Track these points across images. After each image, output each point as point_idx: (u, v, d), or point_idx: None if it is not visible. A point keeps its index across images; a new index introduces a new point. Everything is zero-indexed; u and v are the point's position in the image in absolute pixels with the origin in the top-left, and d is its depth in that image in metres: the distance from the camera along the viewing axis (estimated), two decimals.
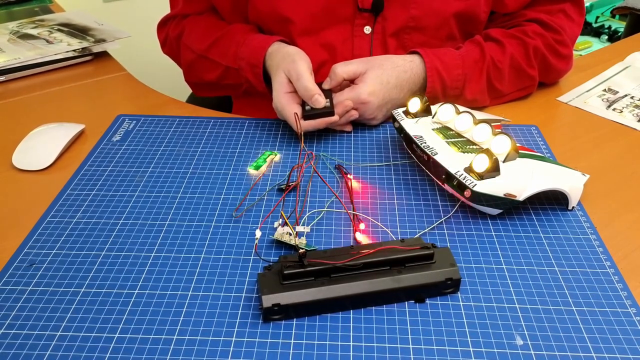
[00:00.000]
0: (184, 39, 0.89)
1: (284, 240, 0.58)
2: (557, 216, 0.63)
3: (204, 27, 0.88)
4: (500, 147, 0.61)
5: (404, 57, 0.78)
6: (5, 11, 1.23)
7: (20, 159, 0.73)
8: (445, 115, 0.69)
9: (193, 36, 0.88)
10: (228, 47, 0.83)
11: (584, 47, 2.39)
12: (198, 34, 0.87)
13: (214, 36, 0.85)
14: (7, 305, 0.52)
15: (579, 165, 0.70)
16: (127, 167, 0.72)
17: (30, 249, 0.59)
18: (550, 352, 0.48)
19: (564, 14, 0.86)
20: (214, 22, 0.88)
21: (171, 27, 0.93)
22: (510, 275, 0.56)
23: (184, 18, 0.91)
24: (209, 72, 0.87)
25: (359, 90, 0.73)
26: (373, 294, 0.51)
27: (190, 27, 0.89)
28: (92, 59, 1.03)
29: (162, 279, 0.55)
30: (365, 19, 0.82)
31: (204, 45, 0.85)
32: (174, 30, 0.91)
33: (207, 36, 0.86)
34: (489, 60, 0.79)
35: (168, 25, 0.94)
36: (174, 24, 0.92)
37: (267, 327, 0.50)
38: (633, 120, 0.82)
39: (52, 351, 0.48)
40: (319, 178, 0.69)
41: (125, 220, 0.63)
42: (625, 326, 0.50)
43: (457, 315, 0.51)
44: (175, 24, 0.92)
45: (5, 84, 0.95)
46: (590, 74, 0.95)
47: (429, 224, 0.62)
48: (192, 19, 0.90)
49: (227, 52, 0.83)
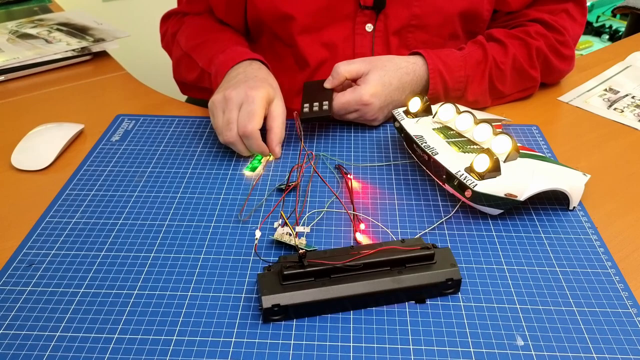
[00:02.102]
0: (178, 35, 0.89)
1: (283, 241, 0.58)
2: (558, 216, 0.63)
3: (198, 27, 0.88)
4: (501, 147, 0.61)
5: (407, 58, 0.78)
6: (4, 11, 1.23)
7: (19, 159, 0.73)
8: (446, 115, 0.68)
9: (185, 33, 0.88)
10: (209, 51, 0.82)
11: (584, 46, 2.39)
12: (190, 32, 0.87)
13: (203, 37, 0.85)
14: (6, 305, 0.52)
15: (580, 165, 0.70)
16: (126, 167, 0.72)
17: (29, 249, 0.59)
18: (551, 353, 0.48)
19: (566, 14, 0.86)
20: (209, 25, 0.88)
21: (172, 22, 0.93)
22: (511, 275, 0.55)
23: (185, 15, 0.92)
24: (189, 71, 0.86)
25: (361, 91, 0.73)
26: (373, 295, 0.51)
27: (187, 25, 0.89)
28: (91, 59, 1.03)
29: (161, 279, 0.55)
30: (367, 17, 0.81)
31: (191, 44, 0.85)
32: (174, 26, 0.92)
33: (197, 36, 0.86)
34: (491, 62, 0.79)
35: (170, 20, 0.94)
36: (176, 20, 0.93)
37: (267, 328, 0.50)
38: (634, 120, 0.82)
39: (52, 351, 0.48)
40: (319, 178, 0.69)
41: (125, 220, 0.62)
42: (626, 326, 0.50)
43: (458, 316, 0.51)
44: (177, 20, 0.93)
45: (5, 84, 0.95)
46: (591, 74, 0.95)
47: (429, 224, 0.62)
48: (191, 17, 0.91)
49: (206, 55, 0.82)
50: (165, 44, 0.95)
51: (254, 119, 0.68)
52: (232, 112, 0.69)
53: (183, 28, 0.89)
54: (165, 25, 0.95)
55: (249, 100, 0.69)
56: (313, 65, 0.84)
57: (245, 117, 0.68)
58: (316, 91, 0.76)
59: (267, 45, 0.88)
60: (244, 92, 0.69)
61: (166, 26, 0.95)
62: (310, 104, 0.74)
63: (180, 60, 0.88)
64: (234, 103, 0.69)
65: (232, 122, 0.69)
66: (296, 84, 0.85)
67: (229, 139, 0.70)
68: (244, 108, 0.69)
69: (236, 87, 0.70)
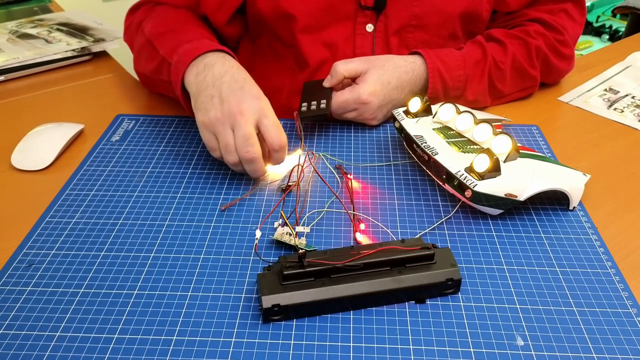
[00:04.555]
0: (144, 24, 0.82)
1: (283, 241, 0.58)
2: (558, 216, 0.63)
3: (168, 17, 0.81)
4: (501, 147, 0.61)
5: (406, 57, 0.78)
6: (4, 11, 1.23)
7: (20, 159, 0.73)
8: (446, 115, 0.68)
9: (152, 22, 0.81)
10: (173, 40, 0.75)
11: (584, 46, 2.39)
12: (158, 21, 0.81)
13: (171, 26, 0.78)
14: (6, 305, 0.52)
15: (580, 165, 0.70)
16: (126, 167, 0.72)
17: (29, 249, 0.59)
18: (551, 353, 0.48)
19: (565, 13, 0.86)
20: (183, 17, 0.82)
21: (141, 12, 0.86)
22: (511, 275, 0.55)
23: (158, 5, 0.85)
24: (148, 61, 0.79)
25: (359, 90, 0.73)
26: (373, 295, 0.51)
27: (157, 13, 0.83)
28: (91, 59, 1.03)
29: (161, 279, 0.55)
30: (368, 17, 0.82)
31: (156, 31, 0.78)
32: (142, 15, 0.85)
33: (164, 24, 0.79)
34: (490, 61, 0.79)
35: (139, 11, 0.87)
36: (145, 9, 0.86)
37: (267, 328, 0.50)
38: (634, 120, 0.82)
39: (52, 351, 0.48)
40: (319, 178, 0.69)
41: (125, 220, 0.62)
42: (626, 326, 0.50)
43: (458, 316, 0.51)
44: (148, 9, 0.85)
45: (5, 84, 0.95)
46: (591, 74, 0.95)
47: (429, 224, 0.62)
48: (164, 7, 0.84)
49: (169, 44, 0.74)
50: (129, 37, 0.86)
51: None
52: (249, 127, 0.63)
53: (151, 16, 0.82)
54: (131, 18, 0.87)
55: (267, 114, 0.64)
56: (313, 66, 0.84)
57: (272, 130, 0.64)
58: (315, 90, 0.76)
59: (267, 45, 0.88)
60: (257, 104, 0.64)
61: (132, 18, 0.87)
62: (308, 102, 0.74)
63: (142, 48, 0.80)
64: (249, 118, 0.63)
65: (252, 137, 0.63)
66: (297, 84, 0.85)
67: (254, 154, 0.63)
68: (264, 123, 0.63)
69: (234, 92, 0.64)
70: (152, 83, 0.85)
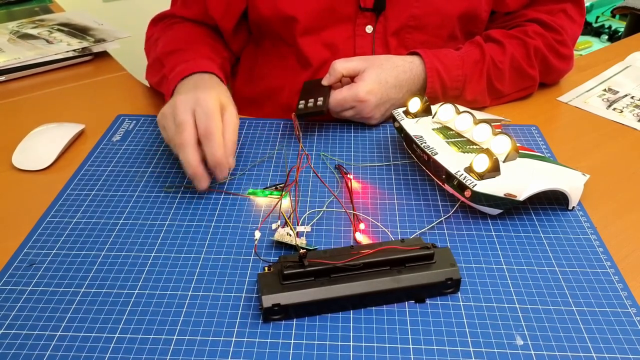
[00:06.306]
0: (159, 41, 0.86)
1: (284, 241, 0.58)
2: (558, 216, 0.63)
3: (179, 36, 0.85)
4: (501, 147, 0.61)
5: (404, 57, 0.78)
6: (5, 11, 1.23)
7: (20, 159, 0.73)
8: (446, 115, 0.69)
9: (165, 40, 0.85)
10: (177, 59, 0.78)
11: (584, 47, 2.39)
12: (170, 39, 0.84)
13: (179, 46, 0.82)
14: (7, 305, 0.52)
15: (579, 165, 0.70)
16: (127, 167, 0.72)
17: (30, 249, 0.59)
18: (550, 352, 0.48)
19: (564, 14, 0.86)
20: (193, 36, 0.85)
21: (161, 27, 0.90)
22: (511, 275, 0.55)
23: (176, 22, 0.89)
24: (155, 74, 0.83)
25: (357, 88, 0.74)
26: (373, 294, 0.51)
27: (172, 32, 0.87)
28: (92, 59, 1.03)
29: (162, 279, 0.55)
30: (367, 18, 0.82)
31: (166, 50, 0.82)
32: (160, 32, 0.89)
33: (174, 43, 0.83)
34: (489, 61, 0.79)
35: (159, 25, 0.91)
36: (165, 26, 0.90)
37: (267, 327, 0.50)
38: (633, 120, 0.82)
39: (52, 351, 0.48)
40: (318, 178, 0.69)
41: (125, 220, 0.63)
42: (625, 326, 0.50)
43: (457, 316, 0.51)
44: (166, 26, 0.89)
45: (5, 84, 0.95)
46: (590, 74, 0.95)
47: (429, 224, 0.62)
48: (180, 26, 0.88)
49: (172, 62, 0.78)
50: (147, 48, 0.91)
51: (214, 117, 0.62)
52: (185, 114, 0.63)
53: (166, 35, 0.86)
54: (152, 29, 0.92)
55: (201, 103, 0.63)
56: (315, 65, 0.84)
57: (203, 117, 0.63)
58: (314, 89, 0.77)
59: (270, 47, 0.89)
60: (194, 96, 0.64)
61: (153, 30, 0.91)
62: (306, 100, 0.75)
63: (153, 62, 0.85)
64: (186, 107, 0.64)
65: (185, 123, 0.62)
66: (299, 83, 0.85)
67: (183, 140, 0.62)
68: (198, 110, 0.63)
69: (186, 93, 0.66)
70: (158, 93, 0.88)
